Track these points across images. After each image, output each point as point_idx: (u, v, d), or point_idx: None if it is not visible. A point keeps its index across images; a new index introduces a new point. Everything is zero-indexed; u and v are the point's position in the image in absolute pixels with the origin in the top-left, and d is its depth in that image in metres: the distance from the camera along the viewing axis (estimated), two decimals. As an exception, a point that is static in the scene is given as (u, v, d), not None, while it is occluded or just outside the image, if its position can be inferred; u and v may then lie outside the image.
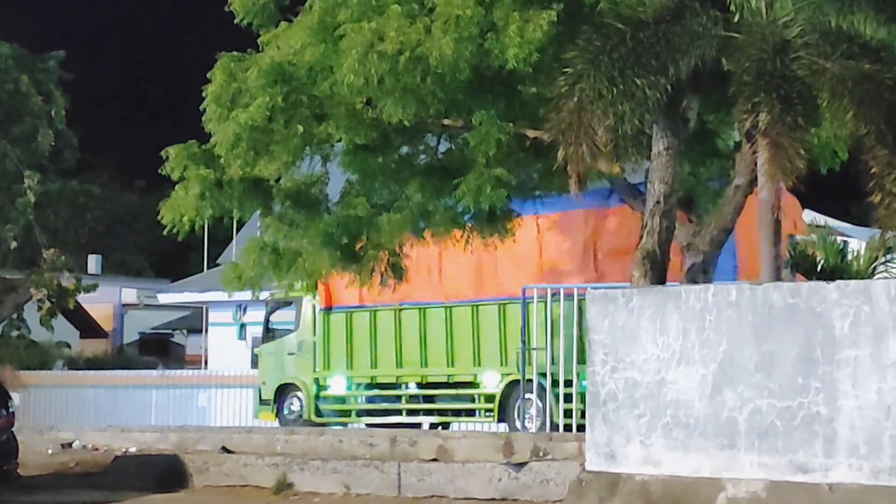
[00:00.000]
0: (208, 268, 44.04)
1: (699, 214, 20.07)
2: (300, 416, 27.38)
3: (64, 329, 44.62)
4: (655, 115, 17.24)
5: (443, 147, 21.06)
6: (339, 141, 20.22)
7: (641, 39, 16.80)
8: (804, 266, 23.65)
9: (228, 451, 23.30)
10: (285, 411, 27.79)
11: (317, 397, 27.10)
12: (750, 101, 16.40)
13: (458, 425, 25.78)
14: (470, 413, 25.30)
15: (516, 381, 23.52)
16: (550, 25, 17.63)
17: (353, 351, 26.49)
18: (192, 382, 34.41)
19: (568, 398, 22.15)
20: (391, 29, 18.18)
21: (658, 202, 17.69)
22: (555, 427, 22.34)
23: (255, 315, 30.31)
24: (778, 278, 16.91)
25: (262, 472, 22.06)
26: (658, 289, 16.90)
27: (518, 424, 23.43)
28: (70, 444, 25.86)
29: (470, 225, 20.96)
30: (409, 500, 20.23)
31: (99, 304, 49.38)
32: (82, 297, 43.90)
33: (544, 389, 22.49)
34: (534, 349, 22.35)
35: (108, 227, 65.90)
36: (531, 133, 19.28)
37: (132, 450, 24.74)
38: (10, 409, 22.45)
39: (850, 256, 24.12)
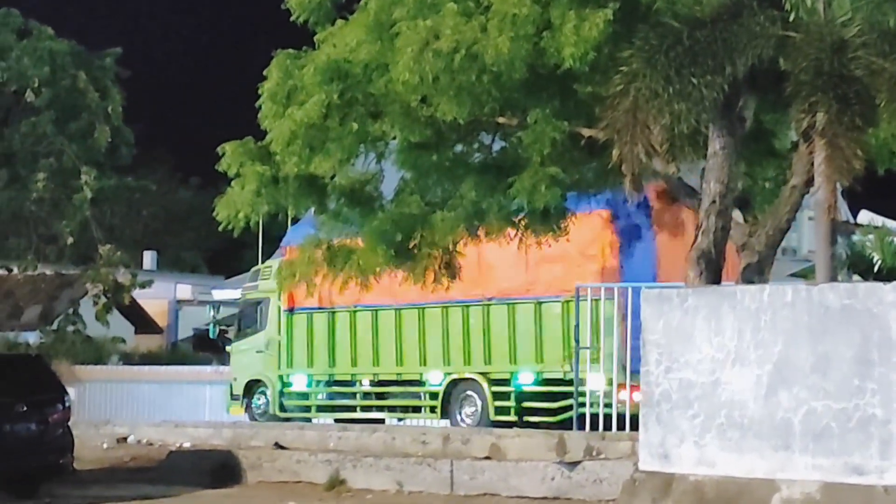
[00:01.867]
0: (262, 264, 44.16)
1: (755, 214, 19.97)
2: (266, 411, 28.52)
3: (119, 324, 44.93)
4: (711, 115, 17.17)
5: (497, 145, 21.03)
6: (394, 139, 20.24)
7: (698, 38, 16.74)
8: (861, 267, 23.56)
9: (282, 448, 23.42)
10: (254, 406, 28.93)
11: (281, 393, 28.33)
12: (807, 101, 16.32)
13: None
14: (416, 409, 26.53)
15: (458, 380, 25.28)
16: (607, 24, 17.57)
17: (313, 350, 27.76)
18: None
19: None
20: (447, 27, 18.17)
21: (713, 202, 17.62)
22: (494, 423, 24.10)
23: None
24: (834, 279, 16.82)
25: (315, 469, 22.16)
26: (713, 289, 16.83)
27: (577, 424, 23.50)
28: (125, 439, 26.07)
29: (524, 223, 20.93)
30: (462, 499, 20.25)
31: (154, 299, 49.69)
32: (137, 293, 44.31)
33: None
34: (584, 348, 22.38)
35: (164, 223, 66.31)
36: (586, 132, 19.23)
37: (186, 445, 24.90)
38: (66, 404, 22.63)
39: (907, 257, 23.99)
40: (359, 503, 20.69)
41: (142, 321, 50.00)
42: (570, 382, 23.23)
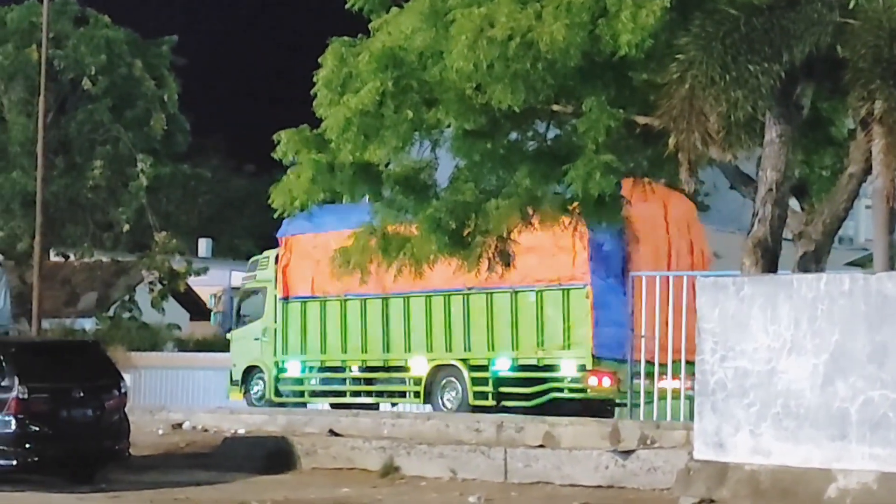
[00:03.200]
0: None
1: (811, 203, 19.85)
2: (263, 396, 29.29)
3: (174, 311, 45.20)
4: (768, 102, 17.08)
5: (552, 133, 20.96)
6: (449, 126, 20.19)
7: (755, 25, 16.66)
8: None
9: (336, 434, 23.49)
10: (252, 391, 29.71)
11: (277, 379, 29.08)
12: (865, 89, 16.21)
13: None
14: (402, 395, 27.40)
15: (441, 366, 26.14)
16: (663, 11, 17.45)
17: (306, 337, 28.53)
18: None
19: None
20: (502, 14, 18.12)
21: (770, 190, 17.54)
22: (473, 408, 25.02)
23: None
24: (891, 268, 16.69)
25: (369, 456, 22.22)
26: (769, 277, 16.76)
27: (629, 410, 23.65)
28: (180, 425, 26.18)
29: (578, 211, 20.88)
30: (516, 486, 20.26)
31: (209, 286, 49.88)
32: (192, 280, 44.53)
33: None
34: (642, 337, 22.46)
35: (218, 210, 66.59)
36: (641, 120, 19.13)
37: (241, 431, 25.00)
38: (122, 390, 22.78)
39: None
40: (413, 490, 20.73)
41: (197, 308, 50.24)
42: (543, 368, 24.85)
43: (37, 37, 38.92)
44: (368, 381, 27.97)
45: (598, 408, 24.35)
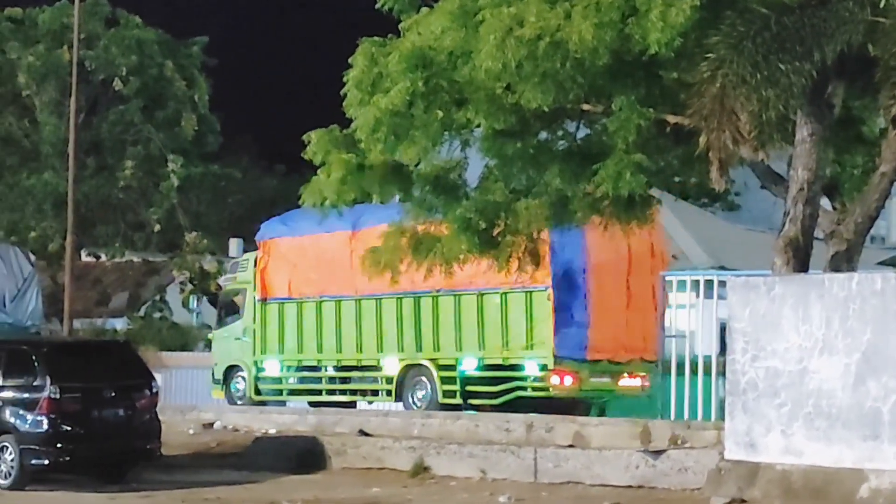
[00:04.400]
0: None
1: (843, 202, 19.77)
2: (243, 394, 29.70)
3: (205, 311, 45.28)
4: (800, 101, 17.03)
5: (582, 133, 20.93)
6: (479, 126, 20.18)
7: (786, 24, 16.60)
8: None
9: (366, 434, 23.51)
10: (233, 390, 30.11)
11: (256, 378, 29.53)
12: (897, 87, 16.14)
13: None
14: (375, 393, 27.90)
15: (411, 365, 26.72)
16: (693, 10, 17.39)
17: (284, 337, 29.10)
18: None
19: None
20: (531, 14, 18.10)
21: (801, 189, 17.48)
22: (442, 406, 25.62)
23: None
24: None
25: (399, 456, 22.23)
26: (801, 277, 16.71)
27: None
28: (211, 425, 26.26)
29: (609, 211, 20.85)
30: (546, 486, 20.23)
31: (240, 286, 49.88)
32: (223, 280, 44.61)
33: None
34: (673, 336, 22.50)
35: (249, 210, 66.68)
36: (672, 119, 19.09)
37: (272, 431, 25.05)
38: (154, 390, 22.86)
39: None
40: (443, 490, 20.73)
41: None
42: (508, 367, 25.52)
43: (68, 38, 39.12)
44: (343, 380, 28.49)
45: (570, 406, 24.76)
